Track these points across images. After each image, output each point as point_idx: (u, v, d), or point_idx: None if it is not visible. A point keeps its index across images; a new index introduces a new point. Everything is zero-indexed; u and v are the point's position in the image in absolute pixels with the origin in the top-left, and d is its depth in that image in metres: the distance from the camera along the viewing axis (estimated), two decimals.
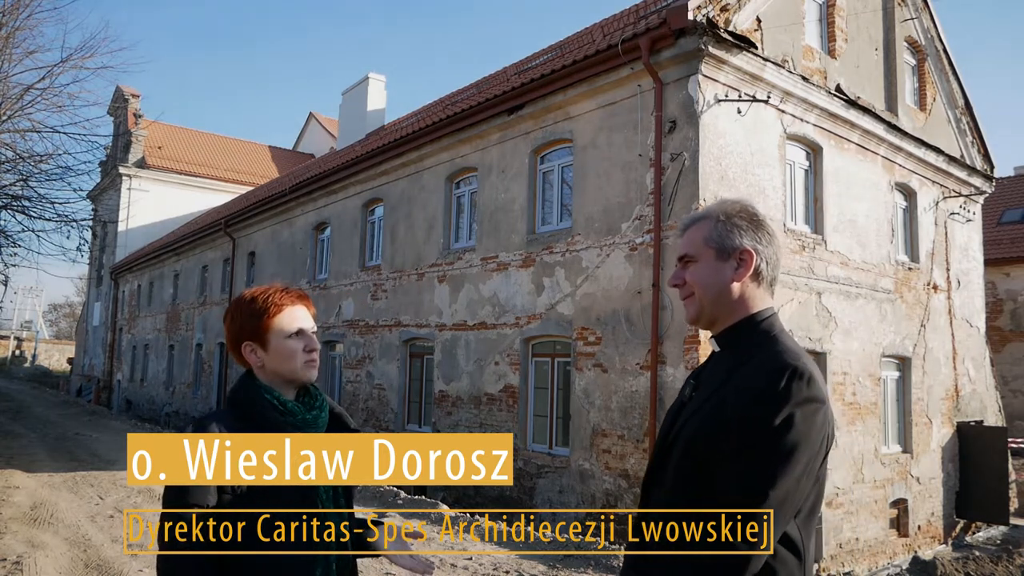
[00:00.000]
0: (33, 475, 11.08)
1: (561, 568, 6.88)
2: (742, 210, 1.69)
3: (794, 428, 1.43)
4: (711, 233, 1.67)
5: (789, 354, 1.53)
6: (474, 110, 11.26)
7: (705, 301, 1.67)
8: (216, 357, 20.97)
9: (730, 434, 1.47)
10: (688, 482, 1.54)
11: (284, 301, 1.84)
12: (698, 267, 1.68)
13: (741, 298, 1.65)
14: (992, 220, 20.34)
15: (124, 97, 30.34)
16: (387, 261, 13.70)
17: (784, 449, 1.42)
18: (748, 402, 1.47)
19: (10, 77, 13.36)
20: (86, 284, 37.17)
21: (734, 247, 1.65)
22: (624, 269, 9.10)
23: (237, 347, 1.84)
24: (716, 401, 1.54)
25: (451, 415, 11.65)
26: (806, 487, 1.48)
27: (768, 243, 1.66)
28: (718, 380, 1.59)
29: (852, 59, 11.01)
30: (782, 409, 1.43)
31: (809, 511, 1.54)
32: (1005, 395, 17.56)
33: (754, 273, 1.65)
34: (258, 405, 1.79)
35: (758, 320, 1.64)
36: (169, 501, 1.68)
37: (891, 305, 11.38)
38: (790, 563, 1.49)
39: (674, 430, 1.63)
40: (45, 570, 6.20)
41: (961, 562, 10.04)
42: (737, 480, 1.44)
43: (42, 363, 53.89)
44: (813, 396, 1.46)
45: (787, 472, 1.42)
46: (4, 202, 14.12)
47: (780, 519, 1.43)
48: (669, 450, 1.62)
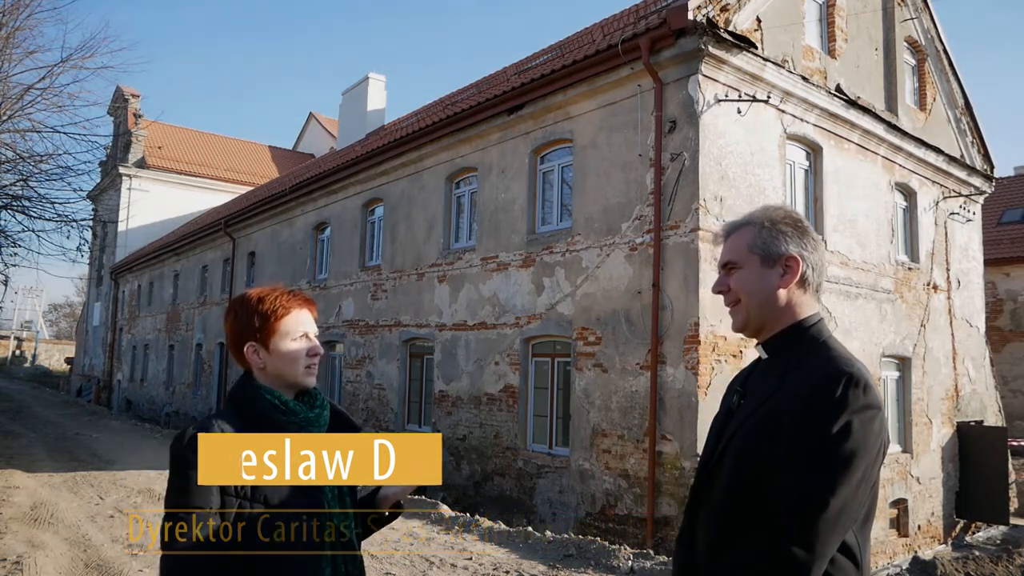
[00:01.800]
0: (33, 475, 11.08)
1: (561, 568, 6.88)
2: (787, 216, 1.68)
3: (852, 436, 1.42)
4: (756, 239, 1.66)
5: (843, 360, 1.52)
6: (474, 110, 11.26)
7: (752, 308, 1.66)
8: (216, 357, 20.96)
9: (785, 442, 1.45)
10: (741, 492, 1.52)
11: (291, 304, 1.83)
12: (743, 273, 1.67)
13: (788, 304, 1.64)
14: (992, 220, 20.34)
15: (124, 97, 30.34)
16: (387, 261, 13.70)
17: (843, 457, 1.41)
18: (804, 410, 1.46)
19: (10, 77, 13.37)
20: (86, 284, 37.17)
21: (780, 253, 1.63)
22: (624, 269, 9.10)
23: (239, 347, 1.83)
24: (768, 409, 1.53)
25: (451, 415, 11.65)
26: (865, 495, 1.47)
27: (814, 249, 1.65)
28: (769, 388, 1.58)
29: (852, 59, 11.01)
30: (840, 416, 1.42)
31: (865, 518, 1.53)
32: (1005, 395, 17.55)
33: (800, 280, 1.63)
34: (260, 405, 1.78)
35: (806, 326, 1.62)
36: (170, 502, 1.67)
37: (891, 305, 11.38)
38: (848, 570, 1.48)
39: (723, 440, 1.61)
40: (45, 570, 6.20)
41: (961, 562, 10.03)
42: (796, 488, 1.42)
43: (42, 363, 53.88)
44: (870, 403, 1.46)
45: (846, 480, 1.41)
46: (4, 202, 14.12)
47: (840, 527, 1.42)
48: (719, 461, 1.60)
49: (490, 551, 7.45)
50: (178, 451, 1.68)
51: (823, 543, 1.40)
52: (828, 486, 1.40)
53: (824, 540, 1.40)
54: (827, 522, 1.40)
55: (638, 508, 8.53)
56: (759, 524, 1.46)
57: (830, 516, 1.40)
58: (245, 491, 1.68)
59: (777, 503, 1.43)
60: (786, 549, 1.40)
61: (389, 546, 7.39)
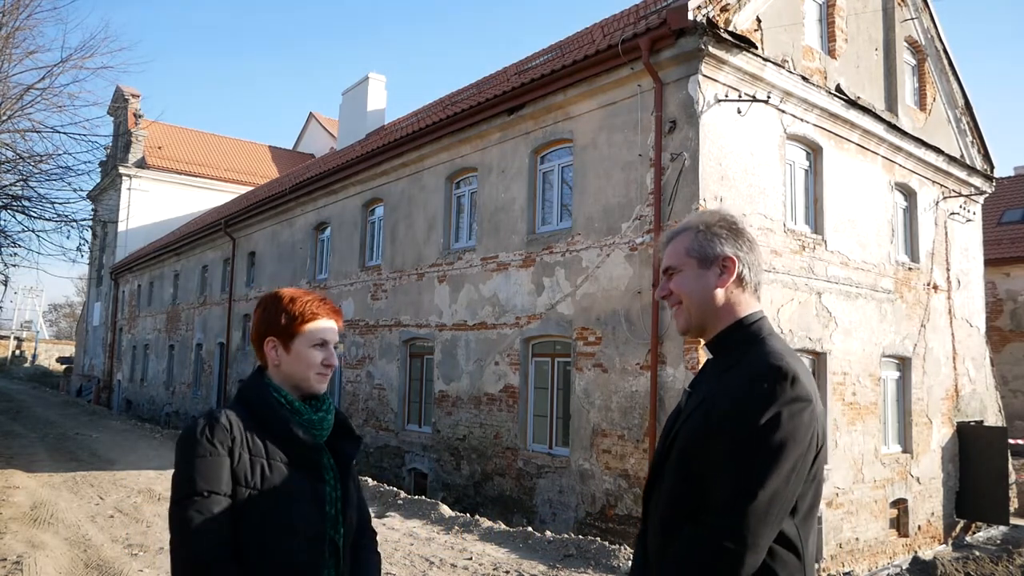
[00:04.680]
0: (33, 475, 11.08)
1: (561, 568, 6.88)
2: (721, 220, 1.73)
3: (781, 427, 1.45)
4: (692, 243, 1.71)
5: (774, 355, 1.55)
6: (474, 110, 11.26)
7: (692, 309, 1.71)
8: (216, 357, 20.96)
9: (718, 437, 1.49)
10: (684, 489, 1.55)
11: (320, 311, 1.89)
12: (682, 276, 1.72)
13: (727, 304, 1.69)
14: (992, 220, 20.34)
15: (124, 97, 30.34)
16: (387, 261, 13.70)
17: (771, 448, 1.44)
18: (733, 405, 1.49)
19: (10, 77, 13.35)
20: (86, 284, 37.18)
21: (716, 255, 1.69)
22: (624, 269, 9.10)
23: (260, 339, 1.88)
24: (705, 407, 1.57)
25: (451, 415, 11.65)
26: (797, 486, 1.49)
27: (749, 250, 1.71)
28: (709, 386, 1.62)
29: (852, 59, 11.00)
30: (768, 409, 1.45)
31: (807, 510, 1.55)
32: (1005, 395, 17.56)
33: (737, 279, 1.68)
34: (267, 402, 1.82)
35: (746, 324, 1.67)
36: (182, 489, 1.68)
37: (891, 305, 11.38)
38: (790, 563, 1.50)
39: (669, 438, 1.66)
40: (45, 570, 6.20)
41: (961, 562, 10.03)
42: (726, 481, 1.45)
43: (42, 363, 53.87)
44: (799, 395, 1.48)
45: (775, 471, 1.43)
46: (4, 202, 14.11)
47: (772, 518, 1.45)
48: (665, 459, 1.65)
49: (490, 551, 7.45)
50: (189, 438, 1.71)
51: (754, 534, 1.42)
52: (757, 478, 1.43)
53: (755, 531, 1.42)
54: (756, 513, 1.42)
55: (638, 508, 8.53)
56: (698, 519, 1.50)
57: (759, 507, 1.42)
58: (254, 481, 1.71)
59: (711, 496, 1.47)
60: (718, 541, 1.43)
61: (389, 546, 7.39)
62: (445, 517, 8.81)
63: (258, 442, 1.75)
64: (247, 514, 1.69)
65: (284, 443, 1.78)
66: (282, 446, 1.77)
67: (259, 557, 1.69)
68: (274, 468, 1.74)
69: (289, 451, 1.78)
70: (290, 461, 1.77)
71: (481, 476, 10.88)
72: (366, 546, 2.00)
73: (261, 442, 1.75)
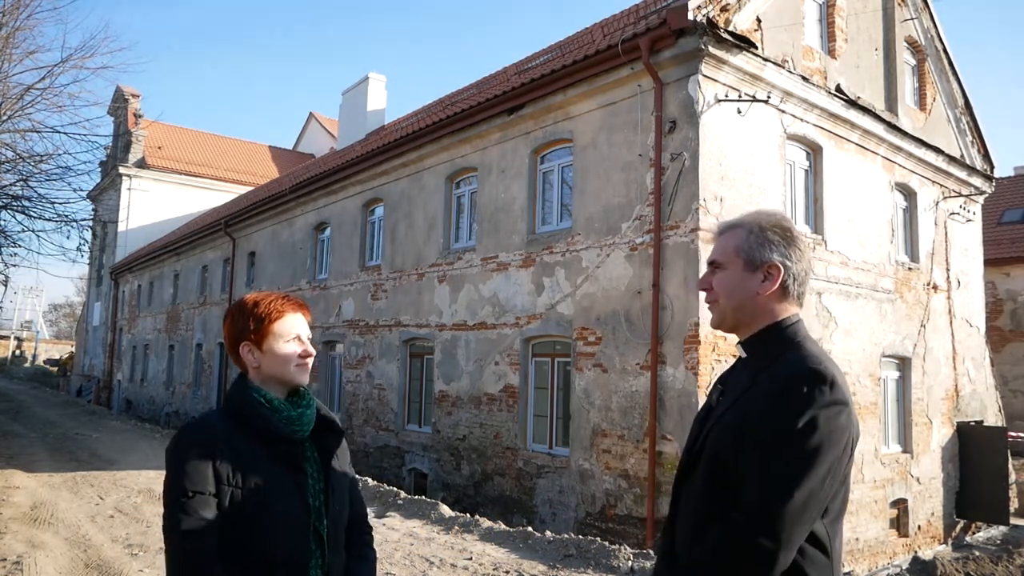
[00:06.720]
0: (33, 475, 11.08)
1: (561, 568, 6.87)
2: (776, 224, 1.71)
3: (818, 430, 1.46)
4: (743, 243, 1.70)
5: (812, 359, 1.56)
6: (474, 110, 11.26)
7: (728, 309, 1.72)
8: (216, 357, 20.97)
9: (754, 437, 1.50)
10: (716, 487, 1.57)
11: (285, 308, 1.95)
12: (726, 275, 1.72)
13: (766, 308, 1.69)
14: (992, 220, 20.34)
15: (124, 97, 30.34)
16: (387, 261, 13.70)
17: (808, 450, 1.46)
18: (771, 406, 1.51)
19: (10, 77, 13.37)
20: (86, 284, 37.19)
21: (763, 260, 1.68)
22: (624, 269, 9.10)
23: (235, 347, 1.94)
24: (740, 407, 1.58)
25: (451, 415, 11.65)
26: (831, 488, 1.51)
27: (798, 260, 1.69)
28: (743, 386, 1.63)
29: (852, 59, 11.00)
30: (806, 412, 1.47)
31: (837, 511, 1.58)
32: (1005, 395, 17.55)
33: (780, 287, 1.68)
34: (248, 403, 1.89)
35: (783, 327, 1.68)
36: (173, 491, 1.76)
37: (891, 305, 11.38)
38: (819, 562, 1.53)
39: (702, 436, 1.67)
40: (45, 570, 6.20)
41: (961, 562, 10.03)
42: (763, 480, 1.47)
43: (42, 363, 53.89)
44: (836, 399, 1.50)
45: (811, 473, 1.45)
46: (4, 202, 14.13)
47: (806, 518, 1.47)
48: (698, 455, 1.66)
49: (490, 551, 7.44)
50: (173, 445, 1.81)
51: (788, 533, 1.44)
52: (794, 478, 1.45)
53: (789, 530, 1.45)
54: (792, 513, 1.44)
55: (638, 508, 8.54)
56: (730, 515, 1.51)
57: (795, 507, 1.44)
58: (237, 479, 1.78)
59: (746, 495, 1.48)
60: (753, 538, 1.45)
61: (389, 546, 7.39)
62: (445, 517, 8.81)
63: (240, 442, 1.82)
64: (232, 510, 1.76)
65: (264, 440, 1.85)
66: (263, 443, 1.85)
67: (246, 550, 1.77)
68: (255, 465, 1.81)
69: (270, 447, 1.85)
70: (271, 457, 1.84)
71: (481, 476, 10.88)
72: (361, 541, 2.06)
73: (243, 441, 1.83)
